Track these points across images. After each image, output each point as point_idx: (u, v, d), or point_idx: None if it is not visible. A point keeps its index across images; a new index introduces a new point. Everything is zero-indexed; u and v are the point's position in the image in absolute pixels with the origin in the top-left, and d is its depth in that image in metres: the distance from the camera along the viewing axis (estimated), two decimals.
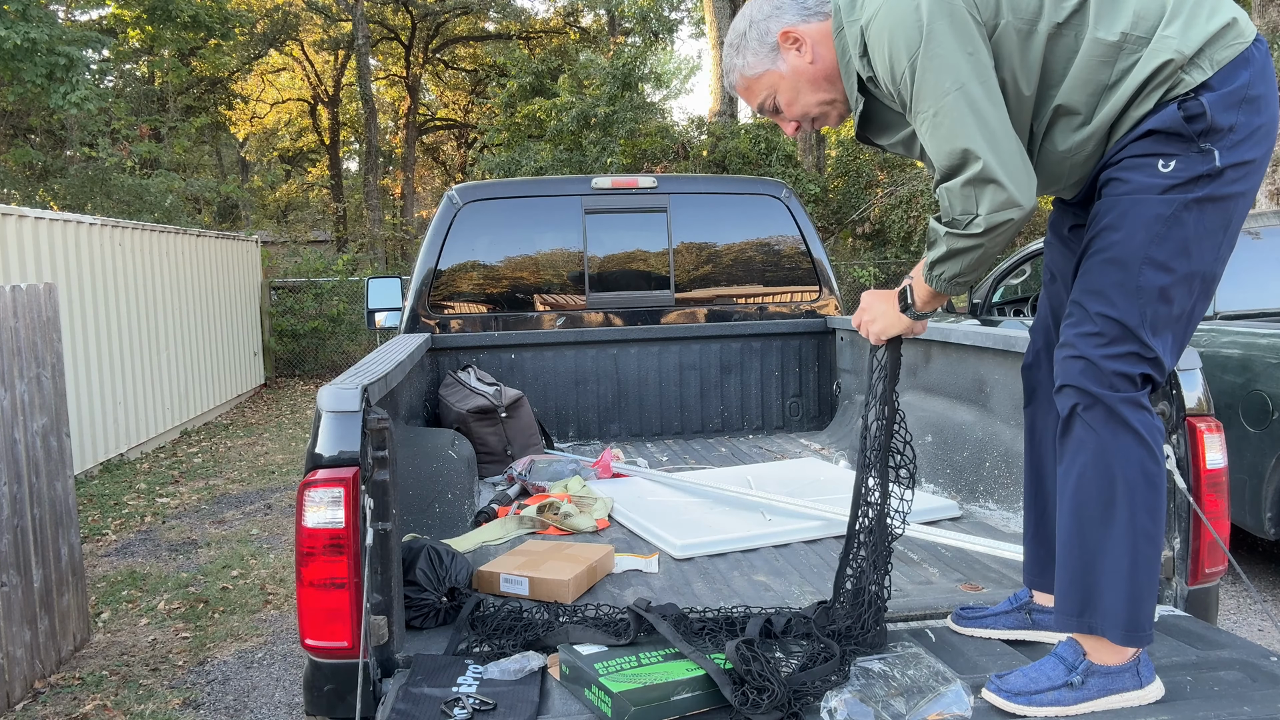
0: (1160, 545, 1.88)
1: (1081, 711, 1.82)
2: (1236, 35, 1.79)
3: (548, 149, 15.88)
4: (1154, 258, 1.80)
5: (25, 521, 3.77)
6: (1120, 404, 1.83)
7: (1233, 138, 1.77)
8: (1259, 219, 4.89)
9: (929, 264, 1.94)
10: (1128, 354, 1.83)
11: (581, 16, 27.23)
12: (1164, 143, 1.79)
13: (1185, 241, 1.79)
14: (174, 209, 14.34)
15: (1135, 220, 1.80)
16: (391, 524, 2.11)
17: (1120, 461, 1.83)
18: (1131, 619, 1.83)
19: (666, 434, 4.75)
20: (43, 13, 11.40)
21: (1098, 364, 1.83)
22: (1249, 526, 4.29)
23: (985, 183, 1.77)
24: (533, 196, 4.69)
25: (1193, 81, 1.77)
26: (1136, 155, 1.81)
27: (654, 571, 2.72)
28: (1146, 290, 1.81)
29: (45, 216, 7.20)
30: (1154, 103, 1.80)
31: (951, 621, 2.25)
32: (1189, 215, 1.78)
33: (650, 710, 1.78)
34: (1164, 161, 1.78)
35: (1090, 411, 1.84)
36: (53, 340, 4.14)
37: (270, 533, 6.05)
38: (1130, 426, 1.83)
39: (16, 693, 3.65)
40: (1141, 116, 1.82)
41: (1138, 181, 1.80)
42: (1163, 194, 1.78)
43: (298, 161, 30.69)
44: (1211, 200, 1.79)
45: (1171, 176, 1.78)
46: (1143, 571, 1.84)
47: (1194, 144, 1.77)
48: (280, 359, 14.20)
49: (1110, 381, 1.83)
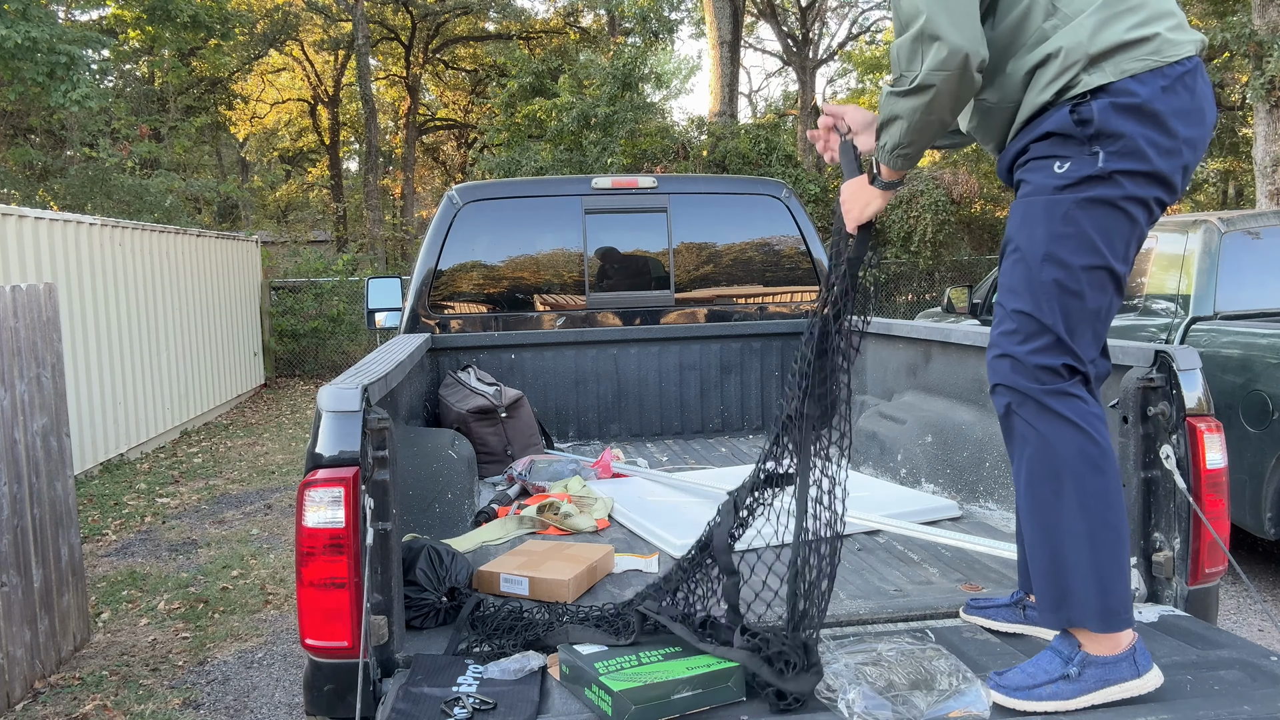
0: (1119, 527, 1.90)
1: (1081, 704, 1.84)
2: (1153, 51, 1.84)
3: (548, 149, 15.87)
4: (1053, 254, 1.88)
5: (25, 521, 3.77)
6: (1048, 396, 1.89)
7: (1123, 145, 1.83)
8: (1259, 219, 4.88)
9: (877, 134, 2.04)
10: (1046, 347, 1.90)
11: (581, 16, 27.23)
12: (1060, 145, 1.89)
13: (1082, 238, 1.87)
14: (174, 209, 14.33)
15: (1034, 219, 1.91)
16: (391, 524, 2.11)
17: (1060, 451, 1.89)
18: (1104, 605, 1.87)
19: (666, 434, 4.75)
20: (43, 12, 11.39)
21: (1021, 360, 1.91)
22: (1249, 526, 4.29)
23: (931, 39, 1.84)
24: (533, 196, 4.69)
25: (1091, 83, 1.85)
26: (1038, 157, 1.92)
27: (654, 571, 2.72)
28: (1050, 285, 1.89)
29: (45, 216, 7.20)
30: (1052, 94, 1.89)
31: (962, 612, 2.31)
32: (1080, 214, 1.86)
33: (650, 709, 1.79)
34: (1059, 163, 1.89)
35: (1024, 407, 1.92)
36: (53, 340, 4.14)
37: (270, 533, 6.05)
38: (1063, 416, 1.89)
39: (16, 693, 3.65)
40: (1041, 107, 1.91)
41: (1037, 182, 1.92)
42: (1055, 193, 1.88)
43: (298, 161, 30.68)
44: (1104, 202, 1.86)
45: (1064, 177, 1.88)
46: (1105, 557, 1.88)
47: (1085, 146, 1.86)
48: (280, 359, 14.20)
49: (1035, 375, 1.90)
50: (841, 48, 29.95)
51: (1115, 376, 2.45)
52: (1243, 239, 4.78)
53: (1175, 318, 4.79)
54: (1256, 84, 10.69)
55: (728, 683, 1.86)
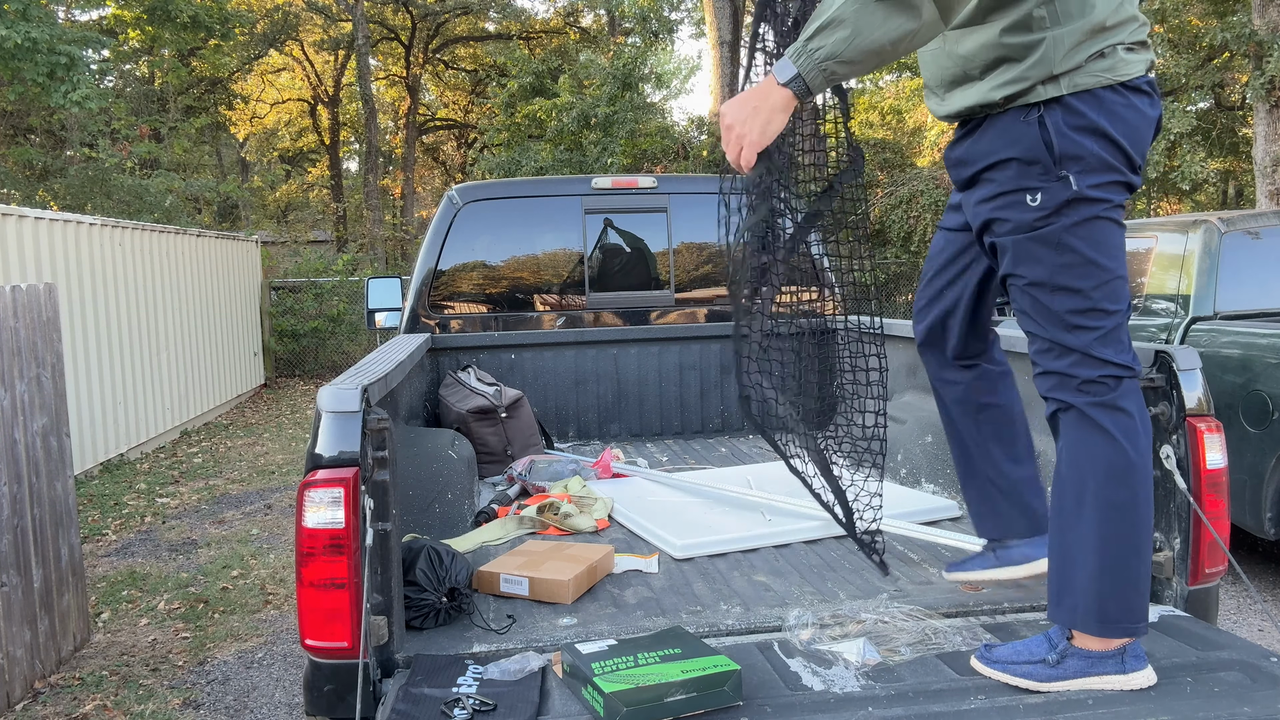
0: (1138, 541, 1.92)
1: (1055, 689, 1.89)
2: (1107, 69, 1.84)
3: (548, 149, 15.87)
4: (1062, 284, 1.89)
5: (25, 521, 3.77)
6: (1090, 408, 1.91)
7: (1085, 164, 1.83)
8: (1259, 219, 4.88)
9: (805, 38, 1.76)
10: (1081, 362, 1.91)
11: (581, 16, 27.23)
12: (1025, 174, 1.86)
13: (1084, 262, 1.87)
14: (174, 209, 14.33)
15: (1029, 256, 1.90)
16: (391, 524, 2.11)
17: (1088, 461, 1.91)
18: (1102, 612, 1.90)
19: (666, 434, 4.75)
20: (43, 12, 11.39)
21: (1064, 373, 1.93)
22: (1249, 526, 4.28)
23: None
24: (533, 196, 4.69)
25: (1044, 95, 1.84)
26: (1006, 192, 1.90)
27: (654, 571, 2.72)
28: (1068, 314, 1.90)
29: (45, 216, 7.20)
30: (1001, 97, 1.87)
31: (944, 571, 2.45)
32: (1073, 239, 1.86)
33: (642, 711, 1.78)
34: (1030, 195, 1.87)
35: (1067, 415, 1.95)
36: (53, 340, 4.14)
37: (270, 533, 6.05)
38: (1100, 427, 1.91)
39: (16, 693, 3.65)
40: (987, 105, 1.89)
41: (1016, 220, 1.90)
42: (1041, 225, 1.87)
43: (298, 161, 30.67)
44: (1091, 219, 1.86)
45: (1042, 208, 1.86)
46: (1113, 567, 1.90)
47: (1052, 171, 1.84)
48: (280, 359, 14.19)
49: (1079, 388, 1.92)
50: None
51: None
52: (1243, 239, 4.78)
53: (1175, 318, 4.79)
54: (1256, 84, 10.69)
55: (724, 686, 1.85)
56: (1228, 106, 15.14)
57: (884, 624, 2.16)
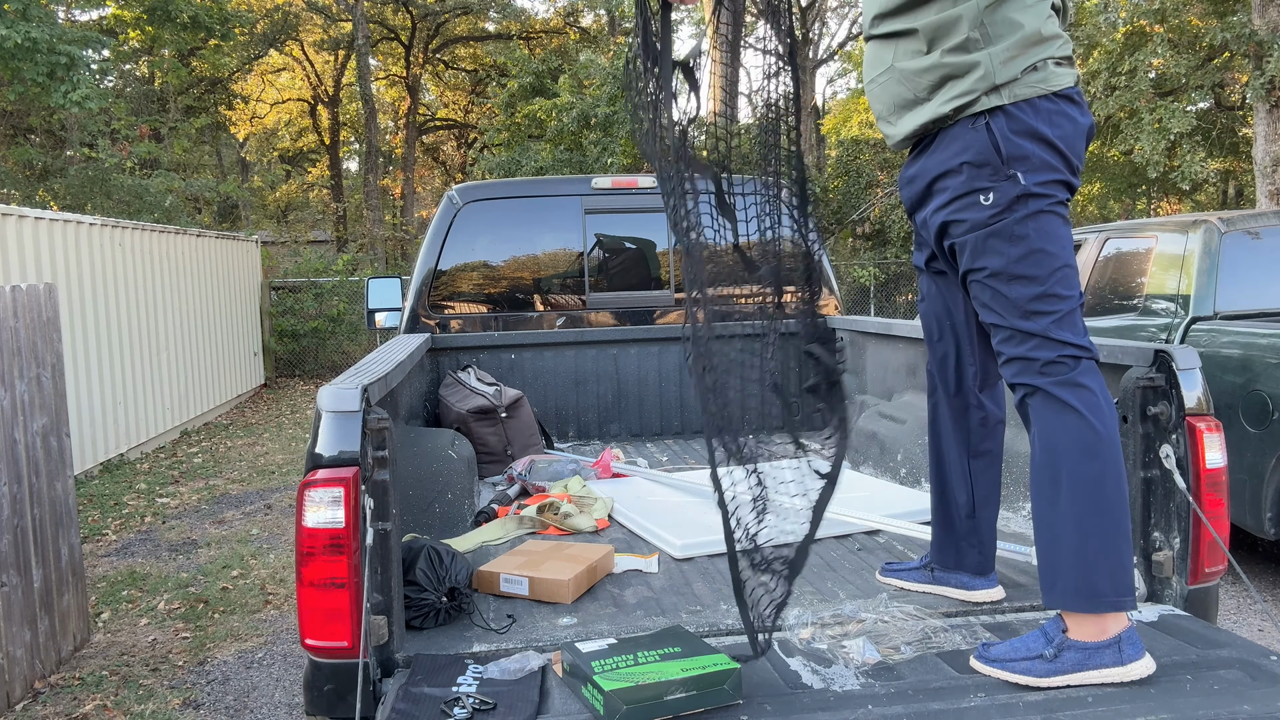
0: (1112, 511, 1.97)
1: (1055, 683, 1.91)
2: (1041, 80, 2.02)
3: (548, 149, 15.87)
4: (1018, 274, 2.04)
5: (25, 521, 3.77)
6: (1054, 388, 2.02)
7: (1030, 163, 2.01)
8: (1259, 219, 4.89)
9: None
10: (1041, 345, 2.03)
11: (581, 16, 27.23)
12: (976, 176, 2.04)
13: (1037, 252, 2.02)
14: (174, 209, 14.33)
15: (986, 250, 2.06)
16: (391, 524, 2.11)
17: (1059, 438, 2.01)
18: (1089, 587, 1.95)
19: (666, 434, 4.75)
20: (43, 12, 11.39)
21: (1025, 358, 2.05)
22: (1249, 526, 4.29)
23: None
24: (533, 196, 4.69)
25: (988, 104, 2.02)
26: (961, 195, 2.07)
27: (654, 571, 2.72)
28: (1025, 300, 2.03)
29: (45, 216, 7.20)
30: (951, 109, 2.05)
31: (878, 573, 2.56)
32: (1026, 230, 2.02)
33: (642, 709, 1.78)
34: (983, 195, 2.05)
35: (1033, 398, 2.06)
36: (53, 340, 4.14)
37: (270, 533, 6.05)
38: (1067, 405, 2.01)
39: (16, 693, 3.65)
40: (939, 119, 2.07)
41: (973, 219, 2.07)
42: (995, 221, 2.04)
43: (298, 161, 30.68)
44: (1041, 212, 2.02)
45: (995, 205, 2.04)
46: (1093, 540, 1.96)
47: (1002, 170, 2.02)
48: (280, 359, 14.20)
49: (1041, 370, 2.04)
50: (841, 48, 29.94)
51: (1115, 376, 2.46)
52: (1243, 239, 4.78)
53: (1175, 317, 4.79)
54: (1256, 84, 10.69)
55: (724, 685, 1.85)
56: (1228, 106, 15.13)
57: (884, 623, 2.17)
